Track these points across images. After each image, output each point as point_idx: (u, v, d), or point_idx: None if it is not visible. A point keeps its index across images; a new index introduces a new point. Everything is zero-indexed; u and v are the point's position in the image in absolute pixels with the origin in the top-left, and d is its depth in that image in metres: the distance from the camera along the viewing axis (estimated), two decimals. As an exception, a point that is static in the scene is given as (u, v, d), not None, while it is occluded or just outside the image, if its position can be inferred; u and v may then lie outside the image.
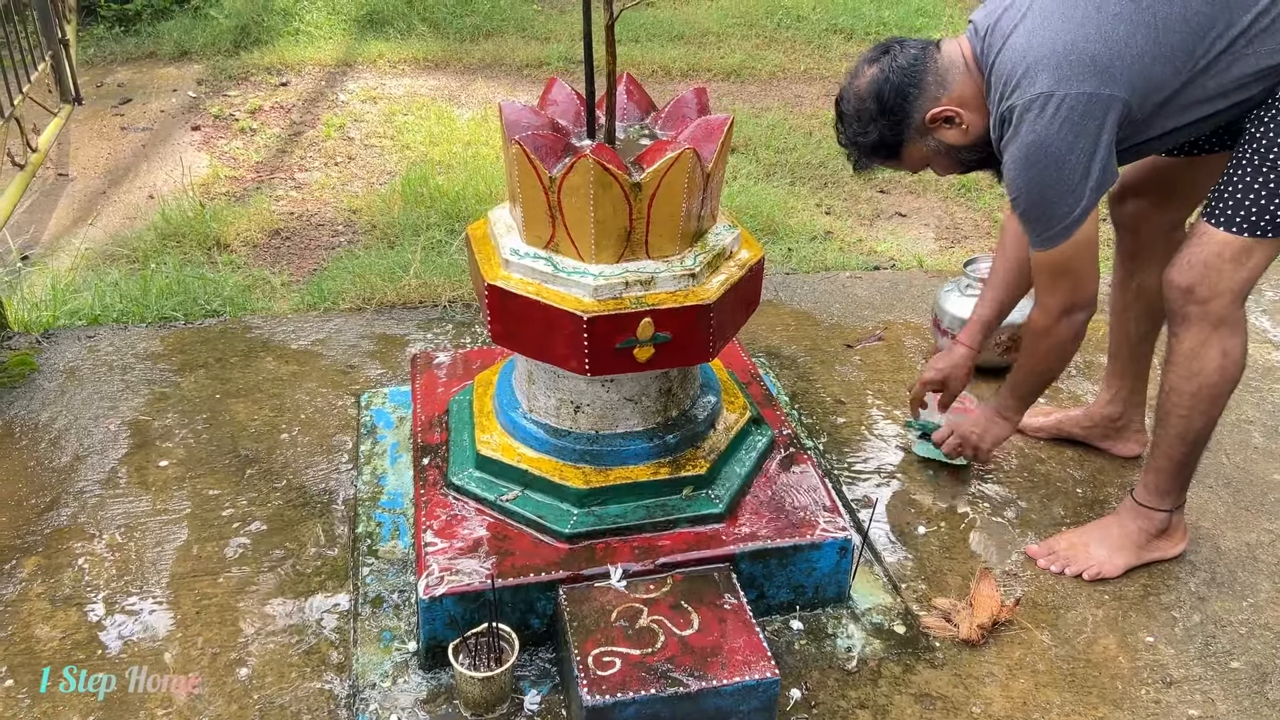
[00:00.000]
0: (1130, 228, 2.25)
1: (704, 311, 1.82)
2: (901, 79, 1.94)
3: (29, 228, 3.89)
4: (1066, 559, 2.15)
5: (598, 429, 2.01)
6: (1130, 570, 2.13)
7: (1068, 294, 1.94)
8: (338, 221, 3.96)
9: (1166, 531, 2.14)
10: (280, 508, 2.26)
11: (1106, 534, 2.15)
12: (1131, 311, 2.32)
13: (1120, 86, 1.77)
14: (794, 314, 3.10)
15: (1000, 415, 2.23)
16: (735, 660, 1.74)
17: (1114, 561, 2.12)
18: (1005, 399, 2.20)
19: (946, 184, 4.37)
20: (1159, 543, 2.14)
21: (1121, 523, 2.15)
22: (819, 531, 1.99)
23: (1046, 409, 2.60)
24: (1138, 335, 2.34)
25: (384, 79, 5.40)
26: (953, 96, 1.94)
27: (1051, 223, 1.87)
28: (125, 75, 5.50)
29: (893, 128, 1.97)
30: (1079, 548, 2.15)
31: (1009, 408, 2.21)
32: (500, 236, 1.95)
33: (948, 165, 2.05)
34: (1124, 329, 2.35)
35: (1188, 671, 1.94)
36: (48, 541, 2.16)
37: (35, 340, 2.86)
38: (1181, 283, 1.89)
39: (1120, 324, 2.36)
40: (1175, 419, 1.99)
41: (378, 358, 2.83)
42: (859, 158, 2.07)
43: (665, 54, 5.66)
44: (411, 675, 1.88)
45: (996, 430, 2.24)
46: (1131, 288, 2.29)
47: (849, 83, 2.02)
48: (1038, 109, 1.78)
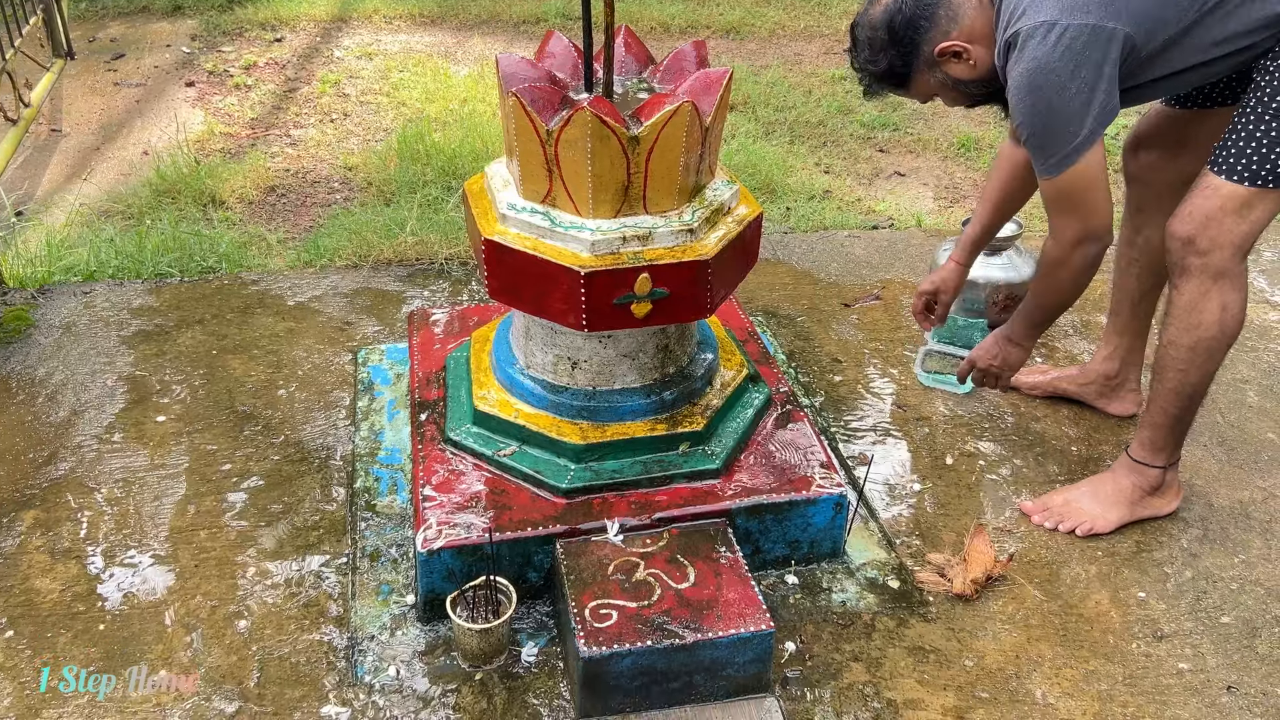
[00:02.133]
0: (1142, 179, 2.25)
1: (702, 267, 1.82)
2: (914, 10, 1.95)
3: (23, 183, 3.86)
4: (1060, 515, 2.15)
5: (595, 385, 2.01)
6: (1123, 527, 2.14)
7: (1079, 224, 1.93)
8: (334, 178, 3.94)
9: (1160, 488, 2.15)
10: (278, 463, 2.27)
11: (1100, 490, 2.16)
12: (1135, 268, 2.32)
13: (1124, 21, 1.78)
14: (792, 273, 3.10)
15: (1011, 341, 2.20)
16: (731, 613, 1.75)
17: (1107, 517, 2.13)
18: (1017, 326, 2.18)
19: (946, 144, 4.35)
20: (1152, 500, 2.15)
21: (1115, 479, 2.16)
22: (814, 487, 2.00)
23: (1042, 366, 2.61)
24: (1139, 292, 2.34)
25: (379, 35, 5.35)
26: (963, 30, 1.95)
27: (1054, 149, 1.87)
28: (118, 30, 5.43)
29: (902, 58, 1.99)
30: (1072, 504, 2.16)
31: (1020, 334, 2.18)
32: (497, 191, 1.94)
33: (954, 98, 2.07)
34: (1126, 285, 2.35)
35: (1178, 626, 1.96)
36: (46, 495, 2.17)
37: (31, 296, 2.85)
38: (1182, 233, 1.90)
39: (1123, 280, 2.36)
40: (1172, 373, 1.99)
41: (374, 314, 2.82)
42: (869, 84, 2.09)
43: (664, 11, 5.60)
44: (410, 628, 1.89)
45: (1013, 356, 2.22)
46: (1137, 243, 2.30)
47: (865, 9, 2.03)
48: (1041, 35, 1.79)
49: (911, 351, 2.71)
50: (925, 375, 2.56)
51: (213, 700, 1.75)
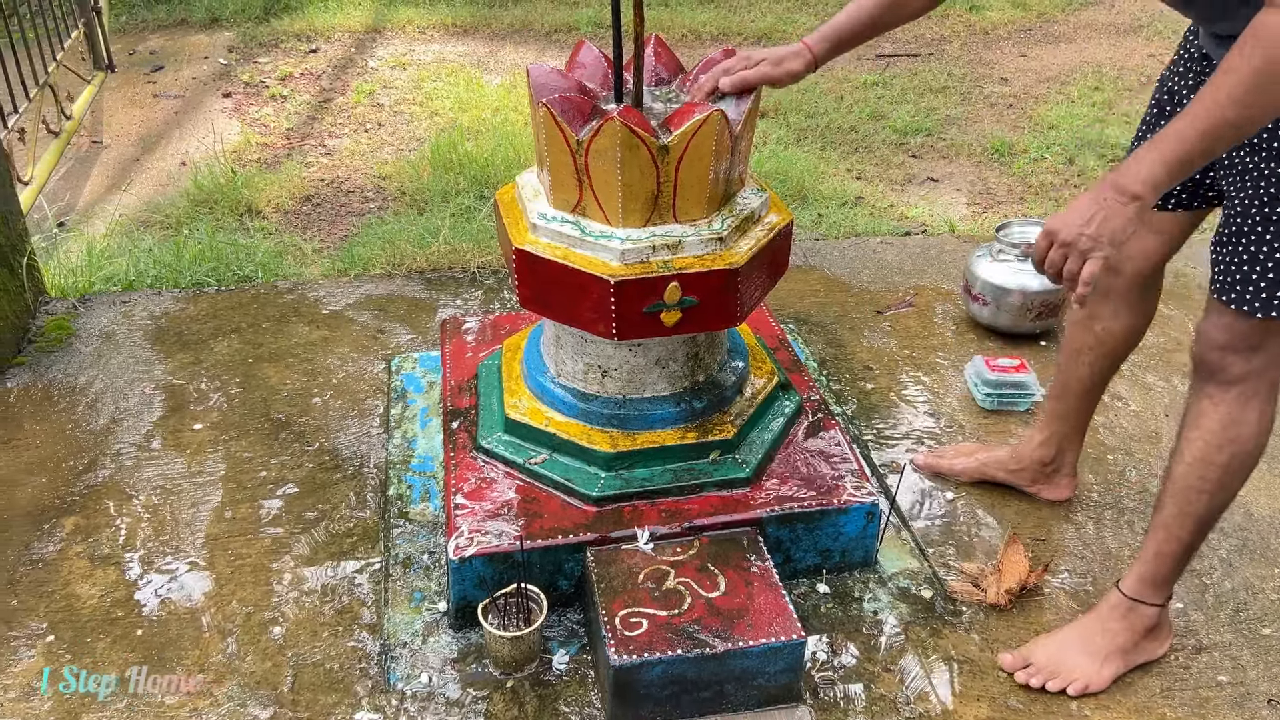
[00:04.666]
0: (1111, 269, 1.84)
1: (731, 276, 1.82)
2: None
3: (64, 194, 3.93)
4: (1047, 672, 1.84)
5: (625, 393, 2.01)
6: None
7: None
8: (368, 188, 3.97)
9: (1155, 628, 1.86)
10: (313, 470, 2.29)
11: (1089, 638, 1.85)
12: (1089, 355, 2.05)
13: None
14: (823, 279, 3.09)
15: (1124, 193, 1.46)
16: (761, 622, 1.75)
17: (1101, 674, 1.83)
18: (1145, 164, 1.45)
19: (980, 148, 4.32)
20: (1146, 643, 1.87)
21: (1105, 624, 1.86)
22: (846, 496, 1.99)
23: (967, 446, 2.35)
24: (1091, 381, 2.08)
25: (413, 45, 5.39)
26: None
27: None
28: (157, 42, 5.52)
29: None
30: (1059, 658, 1.85)
31: (1144, 178, 1.45)
32: (528, 201, 1.95)
33: None
34: (1077, 372, 2.08)
35: (1218, 637, 1.93)
36: (86, 502, 2.20)
37: (72, 305, 2.90)
38: (1220, 340, 1.66)
39: (1073, 366, 2.08)
40: (1198, 496, 1.72)
41: (407, 322, 2.84)
42: None
43: (695, 17, 5.60)
44: (442, 635, 1.90)
45: (1116, 220, 1.47)
46: (1095, 330, 2.02)
47: None
48: None
49: (945, 358, 2.70)
50: (986, 399, 2.50)
51: (247, 706, 1.77)
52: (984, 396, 2.51)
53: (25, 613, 1.94)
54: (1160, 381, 2.62)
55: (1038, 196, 3.92)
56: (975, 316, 2.81)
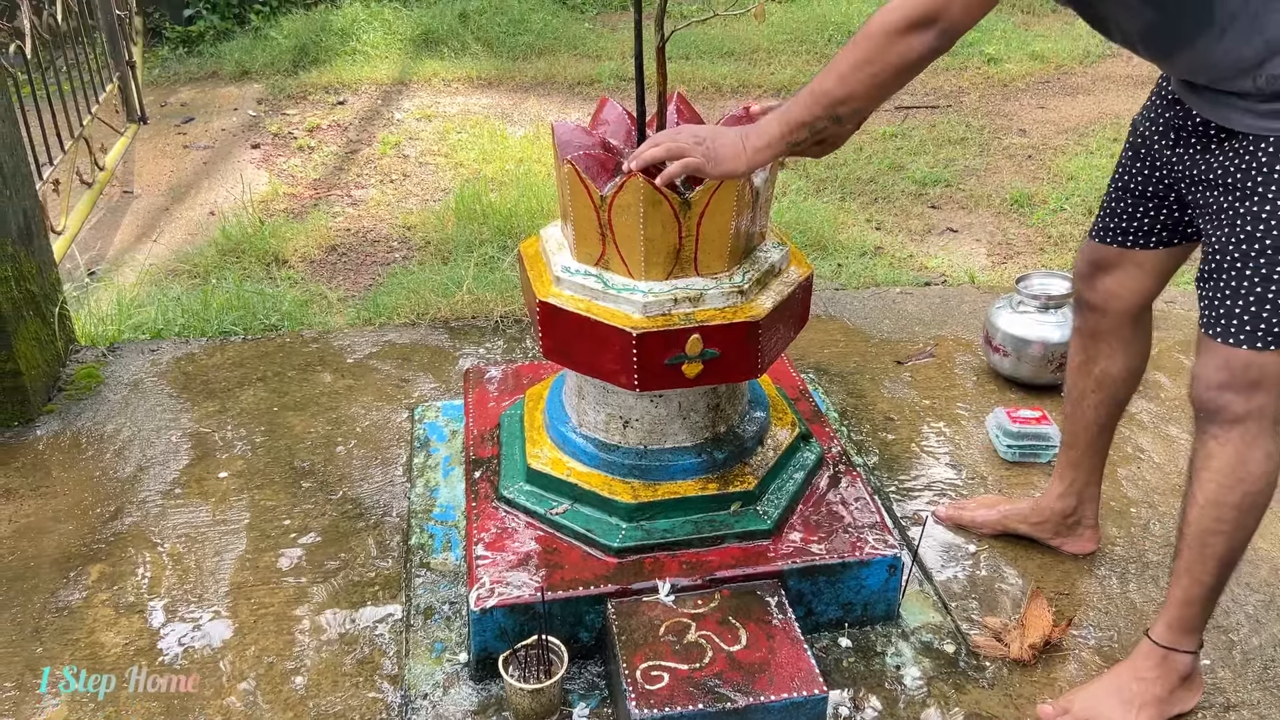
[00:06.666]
0: (1100, 308, 1.99)
1: (753, 328, 1.83)
2: None
3: (96, 243, 4.01)
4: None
5: (646, 444, 2.02)
6: None
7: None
8: (393, 238, 4.03)
9: (1189, 677, 1.85)
10: (335, 519, 2.31)
11: (1124, 688, 1.84)
12: (1091, 400, 2.07)
13: None
14: (843, 330, 3.10)
15: (745, 136, 1.69)
16: (783, 676, 1.74)
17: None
18: (768, 122, 1.67)
19: (999, 199, 4.34)
20: (1181, 693, 1.84)
21: (1139, 674, 1.84)
22: (868, 549, 1.99)
23: (991, 499, 2.33)
24: (1098, 425, 2.09)
25: (438, 97, 5.49)
26: None
27: None
28: (188, 95, 5.64)
29: None
30: (1094, 710, 1.83)
31: (762, 130, 1.67)
32: (552, 254, 1.98)
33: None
34: (1082, 417, 2.10)
35: (1246, 695, 1.90)
36: (112, 549, 2.22)
37: (101, 353, 2.95)
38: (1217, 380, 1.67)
39: (1078, 411, 2.10)
40: (1215, 538, 1.72)
41: (431, 371, 2.87)
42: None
43: (716, 70, 5.68)
44: (462, 686, 1.90)
45: (727, 148, 1.68)
46: (1093, 374, 2.04)
47: None
48: None
49: (966, 409, 2.69)
50: (1008, 450, 2.50)
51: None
52: (1006, 448, 2.50)
53: (50, 660, 1.96)
54: (1183, 434, 2.61)
55: (1057, 247, 3.93)
56: (996, 367, 2.81)
